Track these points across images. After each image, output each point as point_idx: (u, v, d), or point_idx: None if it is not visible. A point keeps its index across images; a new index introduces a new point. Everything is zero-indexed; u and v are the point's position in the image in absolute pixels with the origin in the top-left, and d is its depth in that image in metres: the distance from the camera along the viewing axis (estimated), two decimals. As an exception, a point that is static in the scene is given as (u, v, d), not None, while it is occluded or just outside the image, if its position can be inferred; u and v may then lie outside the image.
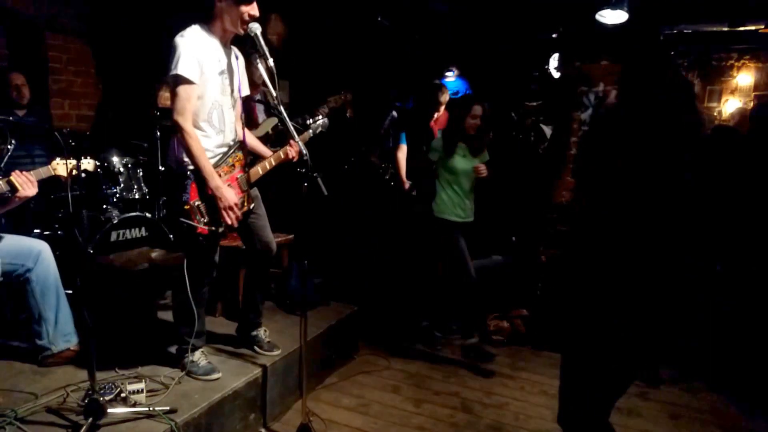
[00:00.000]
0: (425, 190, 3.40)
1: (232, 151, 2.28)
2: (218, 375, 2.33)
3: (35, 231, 2.94)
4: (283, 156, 2.45)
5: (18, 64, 3.78)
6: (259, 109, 3.43)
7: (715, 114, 6.79)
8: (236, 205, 2.18)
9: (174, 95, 2.06)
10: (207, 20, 2.18)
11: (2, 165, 2.73)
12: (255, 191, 2.45)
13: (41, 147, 3.34)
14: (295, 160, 2.41)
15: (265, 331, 2.68)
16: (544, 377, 3.17)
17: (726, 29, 4.24)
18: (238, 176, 2.30)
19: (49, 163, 2.25)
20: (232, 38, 2.24)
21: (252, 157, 2.46)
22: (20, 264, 2.21)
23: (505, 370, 3.27)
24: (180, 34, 2.09)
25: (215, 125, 2.20)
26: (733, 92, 4.29)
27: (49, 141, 3.39)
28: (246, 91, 2.41)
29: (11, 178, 2.03)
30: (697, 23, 4.54)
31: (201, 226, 2.15)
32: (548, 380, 3.13)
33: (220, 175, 2.17)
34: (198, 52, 2.08)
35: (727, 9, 3.91)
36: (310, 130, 2.74)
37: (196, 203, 2.15)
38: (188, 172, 2.15)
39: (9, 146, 2.77)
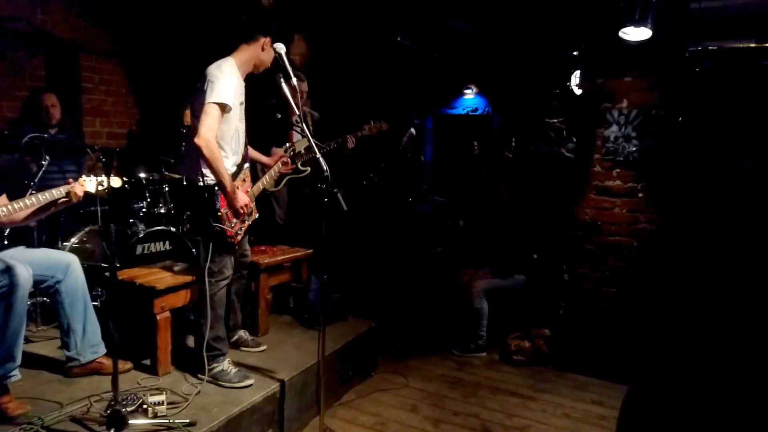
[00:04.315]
0: None
1: (242, 168, 2.55)
2: (252, 381, 2.41)
3: (64, 244, 3.03)
4: (277, 171, 2.87)
5: (53, 85, 3.95)
6: (296, 130, 3.53)
7: (743, 131, 6.63)
8: (247, 205, 2.45)
9: (208, 115, 2.23)
10: (234, 55, 2.40)
11: (36, 180, 2.84)
12: None
13: (72, 163, 3.46)
14: (284, 170, 2.88)
15: (245, 331, 2.87)
16: (566, 399, 3.09)
17: (753, 46, 4.15)
18: (248, 189, 2.60)
19: (78, 179, 2.34)
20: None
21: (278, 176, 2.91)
22: (50, 275, 2.28)
23: (527, 391, 3.20)
24: (217, 65, 2.30)
25: (234, 148, 2.45)
26: (761, 109, 4.18)
27: (80, 157, 3.51)
28: None
29: (71, 187, 2.19)
30: (723, 40, 4.47)
31: (230, 229, 2.40)
32: (571, 403, 3.05)
33: (237, 188, 2.46)
34: (233, 83, 2.32)
35: (753, 26, 3.84)
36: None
37: (226, 210, 2.40)
38: (215, 186, 2.35)
39: (43, 162, 2.88)
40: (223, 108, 2.27)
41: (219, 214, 2.35)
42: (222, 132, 2.35)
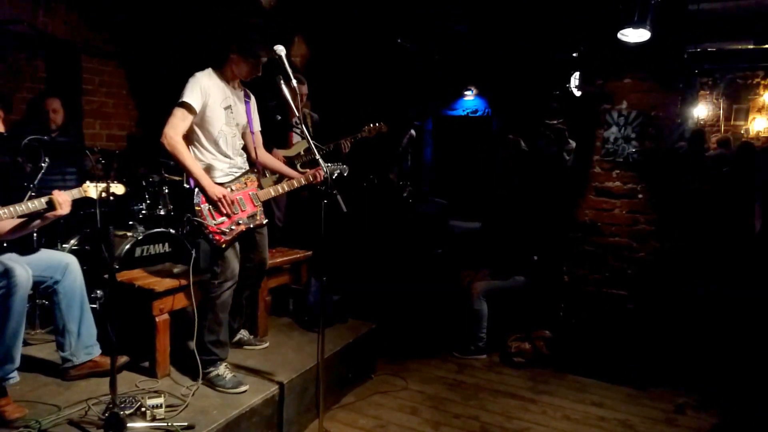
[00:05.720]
0: None
1: (244, 173, 2.59)
2: (246, 387, 2.39)
3: (64, 246, 3.03)
4: (296, 184, 2.70)
5: (54, 87, 3.95)
6: (296, 131, 3.54)
7: (742, 132, 6.65)
8: (225, 196, 2.41)
9: (172, 115, 2.37)
10: (218, 65, 2.53)
11: (36, 183, 2.83)
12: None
13: (72, 165, 3.46)
14: (313, 182, 2.67)
15: (245, 331, 2.92)
16: (566, 401, 3.08)
17: (751, 47, 4.17)
18: (250, 193, 2.59)
19: (79, 181, 2.34)
20: (239, 81, 2.57)
21: (277, 177, 2.87)
22: (49, 276, 2.28)
23: (527, 393, 3.19)
24: (194, 75, 2.44)
25: (222, 149, 2.51)
26: (760, 110, 4.19)
27: (80, 160, 3.51)
28: (258, 127, 2.72)
29: (53, 196, 2.07)
30: (721, 41, 4.48)
31: (211, 225, 2.40)
32: (571, 404, 3.04)
33: (231, 189, 2.48)
34: (204, 88, 2.41)
35: (752, 27, 3.85)
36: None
37: (207, 207, 2.42)
38: (196, 185, 2.43)
39: (42, 164, 2.87)
40: (187, 108, 2.35)
41: (197, 209, 2.40)
42: (204, 133, 2.44)
